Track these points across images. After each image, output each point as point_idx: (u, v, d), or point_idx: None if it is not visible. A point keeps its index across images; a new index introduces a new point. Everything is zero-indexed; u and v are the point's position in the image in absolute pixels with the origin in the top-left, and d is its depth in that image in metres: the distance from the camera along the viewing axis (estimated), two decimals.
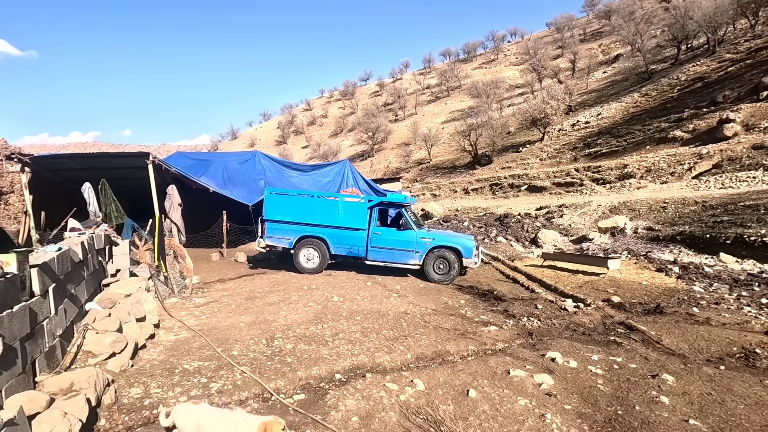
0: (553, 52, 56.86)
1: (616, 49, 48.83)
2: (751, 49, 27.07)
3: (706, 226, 11.55)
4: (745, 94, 21.64)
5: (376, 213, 8.91)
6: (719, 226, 11.21)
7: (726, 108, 21.22)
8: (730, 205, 12.07)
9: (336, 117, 68.22)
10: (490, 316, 6.18)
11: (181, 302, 6.56)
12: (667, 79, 31.45)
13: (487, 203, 27.73)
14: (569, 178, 25.36)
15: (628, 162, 22.78)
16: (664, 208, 14.17)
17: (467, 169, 37.06)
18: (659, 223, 13.31)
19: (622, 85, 37.65)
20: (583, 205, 18.76)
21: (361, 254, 8.81)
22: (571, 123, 34.41)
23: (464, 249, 8.40)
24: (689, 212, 13.08)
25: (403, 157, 43.67)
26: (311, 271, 8.87)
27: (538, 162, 31.49)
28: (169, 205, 10.14)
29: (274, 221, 8.99)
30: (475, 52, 73.10)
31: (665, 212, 13.89)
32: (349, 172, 12.61)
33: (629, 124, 28.05)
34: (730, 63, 27.09)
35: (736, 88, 22.77)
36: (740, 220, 10.98)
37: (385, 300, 6.89)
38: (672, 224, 12.79)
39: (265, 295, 6.95)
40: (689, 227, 11.96)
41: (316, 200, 9.01)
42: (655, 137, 23.94)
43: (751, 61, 25.26)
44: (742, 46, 28.61)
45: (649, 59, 36.32)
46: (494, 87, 47.46)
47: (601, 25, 60.42)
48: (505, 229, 16.63)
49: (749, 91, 21.51)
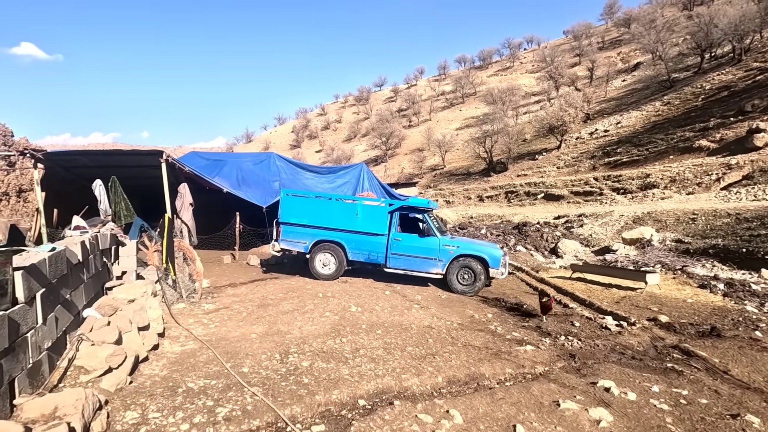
0: (570, 60, 56.15)
1: (636, 57, 47.96)
2: None
3: (741, 240, 10.84)
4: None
5: (397, 218, 8.37)
6: (756, 240, 10.50)
7: (755, 117, 20.37)
8: (767, 218, 11.33)
9: (350, 122, 68.19)
10: (523, 333, 5.62)
11: (190, 308, 6.12)
12: (691, 88, 30.58)
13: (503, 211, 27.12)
14: (588, 187, 24.65)
15: (650, 171, 22.01)
16: (693, 219, 13.44)
17: (482, 176, 36.50)
18: (689, 235, 12.61)
19: (643, 93, 36.81)
20: (605, 215, 18.06)
21: (380, 261, 8.28)
22: (590, 131, 33.68)
23: (491, 259, 7.80)
24: (721, 225, 12.36)
25: (416, 163, 43.24)
26: (327, 278, 8.36)
27: (555, 170, 30.79)
28: (180, 204, 9.74)
29: (289, 224, 8.54)
30: (490, 60, 72.65)
31: (695, 224, 13.16)
32: (365, 176, 12.16)
33: (651, 133, 27.25)
34: (758, 72, 26.18)
35: (766, 97, 21.88)
36: None
37: (406, 311, 6.31)
38: (703, 237, 12.09)
39: (278, 303, 6.48)
40: (722, 240, 11.26)
41: (334, 203, 8.52)
42: (679, 146, 23.14)
43: None
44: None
45: (671, 67, 35.47)
46: (510, 94, 46.89)
47: (621, 33, 59.58)
48: (524, 238, 16.01)
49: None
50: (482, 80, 62.77)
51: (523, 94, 51.08)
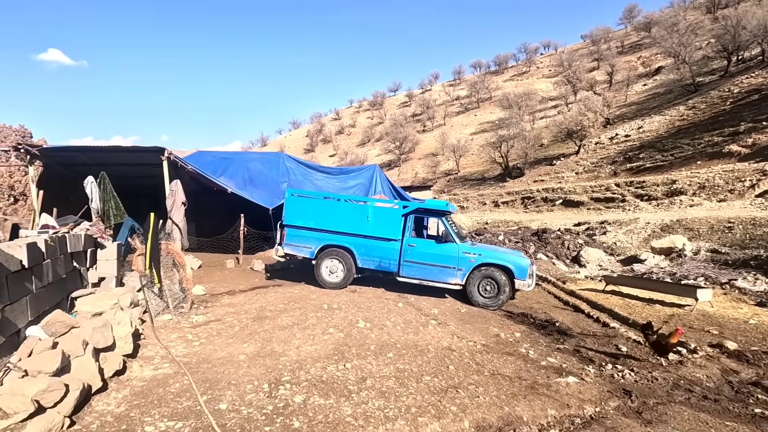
0: (588, 65, 54.91)
1: (657, 61, 46.60)
2: None
3: None
4: None
5: (412, 222, 7.59)
6: None
7: None
8: None
9: (364, 126, 67.78)
10: (560, 358, 4.75)
11: (176, 320, 5.37)
12: (717, 92, 29.27)
13: (519, 217, 26.13)
14: (609, 193, 23.54)
15: (676, 177, 20.84)
16: (729, 228, 12.37)
17: (497, 181, 35.54)
18: (725, 245, 11.56)
19: (665, 97, 35.53)
20: (629, 222, 17.00)
21: (393, 269, 7.50)
22: (610, 136, 32.53)
23: (517, 268, 6.95)
24: (762, 234, 11.30)
25: (430, 168, 42.44)
26: (334, 286, 7.63)
27: (574, 175, 29.71)
28: (171, 203, 8.99)
29: (294, 227, 7.82)
30: (506, 64, 71.68)
31: (731, 233, 12.10)
32: (378, 178, 11.41)
33: (675, 138, 26.04)
34: None
35: None
36: None
37: (421, 328, 5.53)
38: (742, 247, 11.04)
39: (276, 315, 5.75)
40: (765, 251, 10.22)
41: (343, 204, 7.79)
42: (707, 152, 21.95)
43: None
44: None
45: (695, 71, 34.12)
46: (526, 99, 45.88)
47: (641, 38, 58.17)
48: (544, 246, 15.04)
49: None
50: (498, 85, 61.84)
51: (540, 99, 50.00)
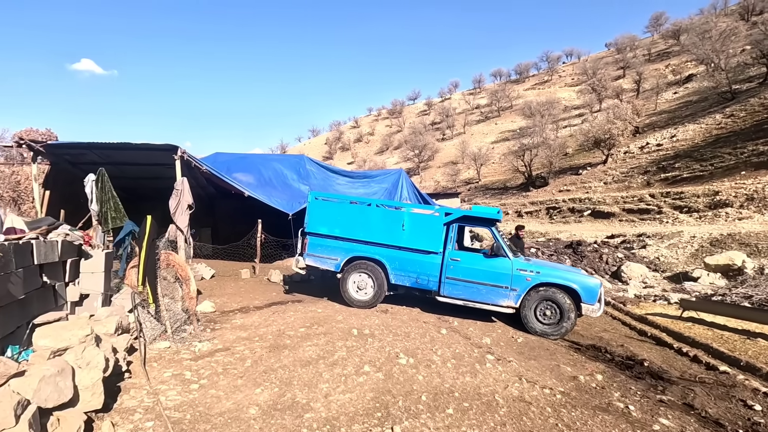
0: (613, 73, 53.52)
1: (688, 69, 44.98)
2: None
3: None
4: None
5: (455, 231, 6.58)
6: None
7: None
8: None
9: (382, 134, 67.64)
10: (672, 418, 3.61)
11: (175, 349, 4.49)
12: (758, 99, 27.81)
13: (545, 228, 25.16)
14: (643, 204, 22.40)
15: (719, 188, 19.62)
16: None
17: (520, 191, 34.58)
18: None
19: (699, 105, 34.05)
20: (672, 236, 15.93)
21: (432, 287, 6.52)
22: (640, 145, 31.27)
23: (585, 290, 5.90)
24: None
25: (450, 176, 41.72)
26: (362, 305, 6.72)
27: (603, 186, 28.55)
28: (175, 204, 8.04)
29: (318, 235, 6.99)
30: (527, 73, 70.71)
31: None
32: (404, 183, 10.78)
33: (714, 147, 24.72)
34: None
35: None
36: None
37: (478, 366, 4.46)
38: None
39: (297, 344, 4.84)
40: None
41: (374, 210, 6.85)
42: (752, 161, 20.65)
43: None
44: None
45: (731, 78, 32.60)
46: (549, 107, 44.78)
47: (669, 46, 56.55)
48: (580, 259, 14.14)
49: None
50: (519, 94, 60.92)
51: (563, 108, 48.84)
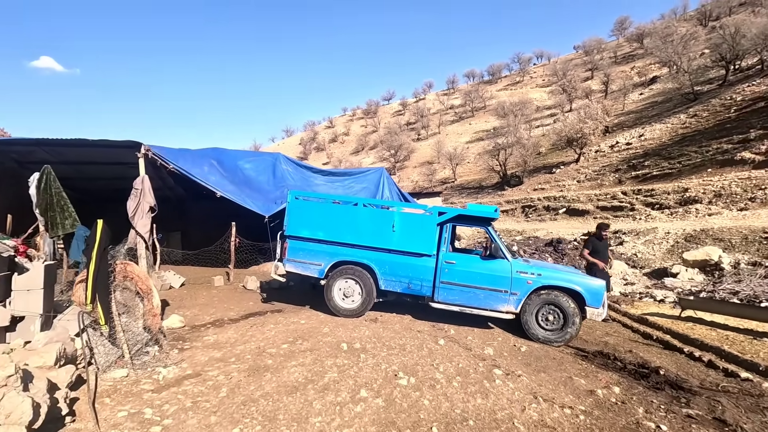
0: (582, 74, 54.92)
1: (652, 71, 46.63)
2: None
3: None
4: None
5: (450, 232, 6.11)
6: None
7: None
8: None
9: (358, 135, 67.11)
10: None
11: (134, 378, 3.76)
12: (719, 100, 28.96)
13: (521, 226, 25.34)
14: (616, 202, 22.86)
15: (688, 185, 20.18)
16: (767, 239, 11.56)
17: (495, 190, 34.89)
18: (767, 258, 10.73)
19: (664, 106, 35.26)
20: (647, 232, 16.20)
21: (426, 292, 6.03)
22: (610, 144, 32.06)
23: (589, 293, 5.53)
24: None
25: (426, 176, 41.69)
26: (349, 314, 6.18)
27: (576, 184, 29.07)
28: (134, 206, 7.13)
29: (298, 238, 6.37)
30: (499, 74, 71.75)
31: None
32: (385, 183, 10.36)
33: (681, 146, 25.53)
34: None
35: None
36: None
37: (487, 384, 3.97)
38: None
39: (281, 364, 4.20)
40: None
41: (361, 210, 6.27)
42: (717, 159, 21.37)
43: None
44: None
45: (693, 80, 33.92)
46: (522, 107, 45.46)
47: (633, 49, 58.56)
48: (562, 257, 14.16)
49: None
50: (492, 94, 61.69)
51: (536, 108, 49.72)
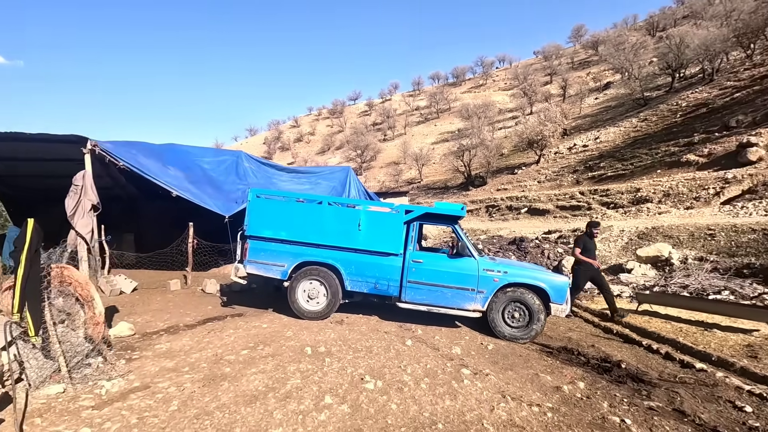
0: (542, 79, 56.92)
1: (606, 77, 48.98)
2: (754, 77, 26.55)
3: None
4: (761, 118, 20.59)
5: (417, 231, 6.03)
6: None
7: (742, 132, 20.07)
8: None
9: (323, 134, 66.45)
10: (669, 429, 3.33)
11: (72, 394, 3.38)
12: (666, 105, 30.78)
13: (485, 225, 25.87)
14: (574, 201, 23.78)
15: (640, 185, 21.28)
16: (711, 235, 12.31)
17: (460, 190, 35.51)
18: (711, 253, 11.42)
19: (618, 110, 37.08)
20: (603, 230, 16.90)
21: (393, 292, 5.94)
22: (568, 146, 33.35)
23: (553, 289, 5.62)
24: (748, 241, 11.23)
25: (393, 176, 41.83)
26: (314, 316, 6.02)
27: (537, 184, 30.05)
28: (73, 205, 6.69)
29: (260, 238, 6.14)
30: (463, 77, 73.19)
31: (714, 240, 12.02)
32: (351, 182, 10.20)
33: (633, 148, 26.91)
34: (733, 90, 26.44)
35: (750, 113, 21.77)
36: None
37: (455, 385, 3.95)
38: (730, 255, 10.90)
39: (239, 372, 3.96)
40: (756, 259, 10.07)
41: (326, 209, 6.11)
42: (665, 161, 22.67)
43: (758, 87, 24.57)
44: (743, 74, 28.16)
45: (643, 86, 35.91)
46: (485, 110, 46.56)
47: (588, 55, 61.26)
48: (524, 255, 14.50)
49: (765, 116, 20.49)
50: (456, 96, 62.79)
51: (498, 111, 51.04)
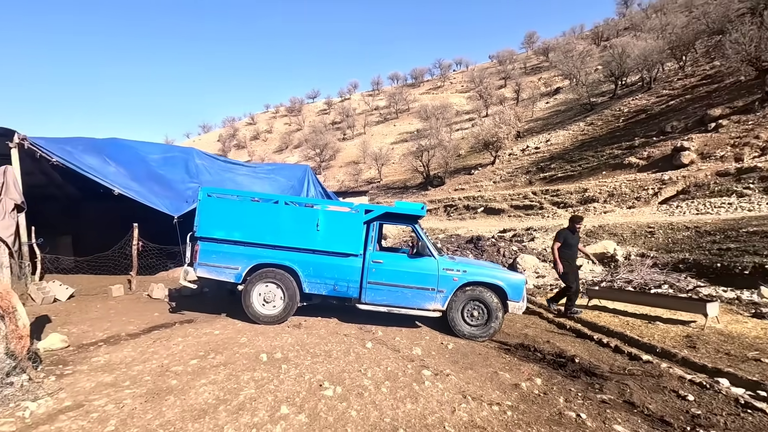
0: (497, 83, 58.73)
1: (556, 82, 51.27)
2: (686, 86, 28.76)
3: (711, 254, 10.46)
4: (692, 125, 22.34)
5: (377, 231, 5.93)
6: (727, 255, 10.14)
7: (677, 137, 21.69)
8: (729, 231, 11.17)
9: (281, 133, 65.03)
10: (625, 422, 3.33)
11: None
12: (610, 111, 32.66)
13: (444, 225, 26.33)
14: (527, 201, 24.72)
15: (587, 186, 22.45)
16: (651, 233, 13.17)
17: (419, 190, 35.93)
18: (651, 249, 12.21)
19: (566, 114, 38.88)
20: (554, 229, 17.68)
21: (352, 294, 5.78)
22: (521, 148, 34.60)
23: (511, 288, 5.65)
24: (683, 238, 12.10)
25: (352, 176, 41.62)
26: (270, 320, 5.70)
27: (492, 184, 30.94)
28: None
29: (212, 240, 5.77)
30: (422, 78, 74.15)
31: (654, 237, 12.87)
32: (310, 180, 9.96)
33: (581, 151, 28.33)
34: (668, 98, 28.53)
35: (682, 119, 23.56)
36: (752, 248, 9.97)
37: (416, 387, 3.82)
38: (667, 251, 11.70)
39: (188, 385, 3.55)
40: (690, 255, 10.86)
41: (283, 208, 5.85)
42: (609, 163, 24.06)
43: (690, 96, 26.65)
44: (676, 83, 30.42)
45: (589, 92, 37.93)
46: (443, 111, 47.41)
47: (540, 61, 63.93)
48: (481, 253, 14.84)
49: (696, 122, 22.23)
50: (415, 97, 63.50)
51: (455, 112, 52.14)
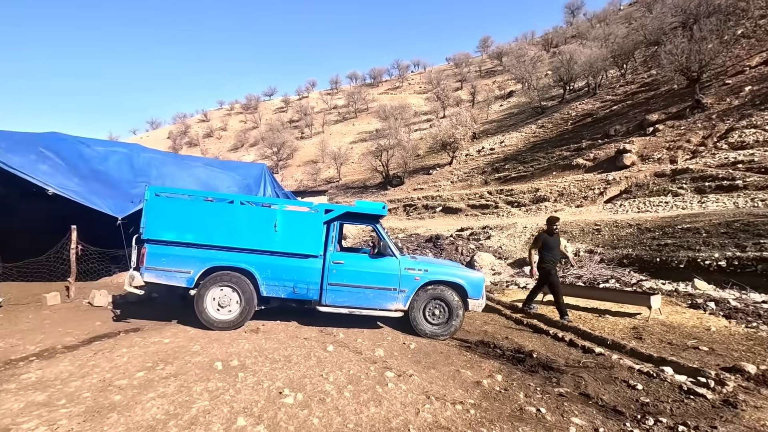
0: (453, 85, 60.01)
1: (509, 86, 53.14)
2: (627, 93, 30.72)
3: (651, 250, 11.21)
4: (633, 128, 23.88)
5: (337, 231, 5.87)
6: (665, 250, 10.90)
7: (619, 140, 23.11)
8: (667, 228, 11.99)
9: (236, 130, 62.88)
10: (582, 415, 3.44)
11: None
12: (560, 114, 34.28)
13: (404, 224, 26.51)
14: (483, 201, 25.38)
15: (539, 186, 23.39)
16: (598, 230, 13.89)
17: (379, 189, 36.01)
18: (598, 245, 12.89)
19: (519, 117, 40.39)
20: (509, 227, 18.25)
21: (313, 296, 5.64)
22: (477, 149, 35.54)
23: (471, 285, 5.75)
24: (626, 235, 12.86)
25: (311, 175, 41.03)
26: (226, 326, 5.46)
27: (450, 184, 31.56)
28: None
29: (161, 242, 5.46)
30: (380, 78, 74.37)
31: (600, 235, 13.58)
32: (267, 180, 9.63)
33: (533, 152, 29.50)
34: (612, 103, 30.36)
35: (624, 123, 25.14)
36: (686, 243, 10.76)
37: (381, 390, 3.77)
38: (613, 247, 12.39)
39: (133, 400, 3.22)
40: (633, 250, 11.57)
41: (238, 209, 5.60)
42: (559, 164, 25.22)
43: (630, 102, 28.49)
44: (618, 90, 32.42)
45: (540, 96, 39.63)
46: (402, 111, 47.81)
47: (494, 65, 66.02)
48: (440, 252, 15.10)
49: (636, 126, 23.79)
50: (374, 97, 63.59)
51: (414, 113, 52.75)
